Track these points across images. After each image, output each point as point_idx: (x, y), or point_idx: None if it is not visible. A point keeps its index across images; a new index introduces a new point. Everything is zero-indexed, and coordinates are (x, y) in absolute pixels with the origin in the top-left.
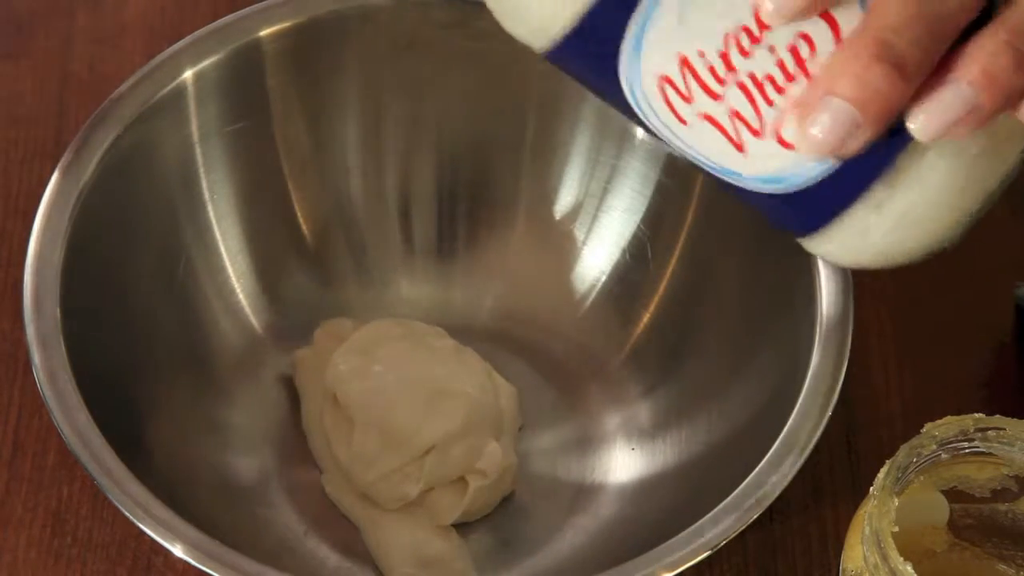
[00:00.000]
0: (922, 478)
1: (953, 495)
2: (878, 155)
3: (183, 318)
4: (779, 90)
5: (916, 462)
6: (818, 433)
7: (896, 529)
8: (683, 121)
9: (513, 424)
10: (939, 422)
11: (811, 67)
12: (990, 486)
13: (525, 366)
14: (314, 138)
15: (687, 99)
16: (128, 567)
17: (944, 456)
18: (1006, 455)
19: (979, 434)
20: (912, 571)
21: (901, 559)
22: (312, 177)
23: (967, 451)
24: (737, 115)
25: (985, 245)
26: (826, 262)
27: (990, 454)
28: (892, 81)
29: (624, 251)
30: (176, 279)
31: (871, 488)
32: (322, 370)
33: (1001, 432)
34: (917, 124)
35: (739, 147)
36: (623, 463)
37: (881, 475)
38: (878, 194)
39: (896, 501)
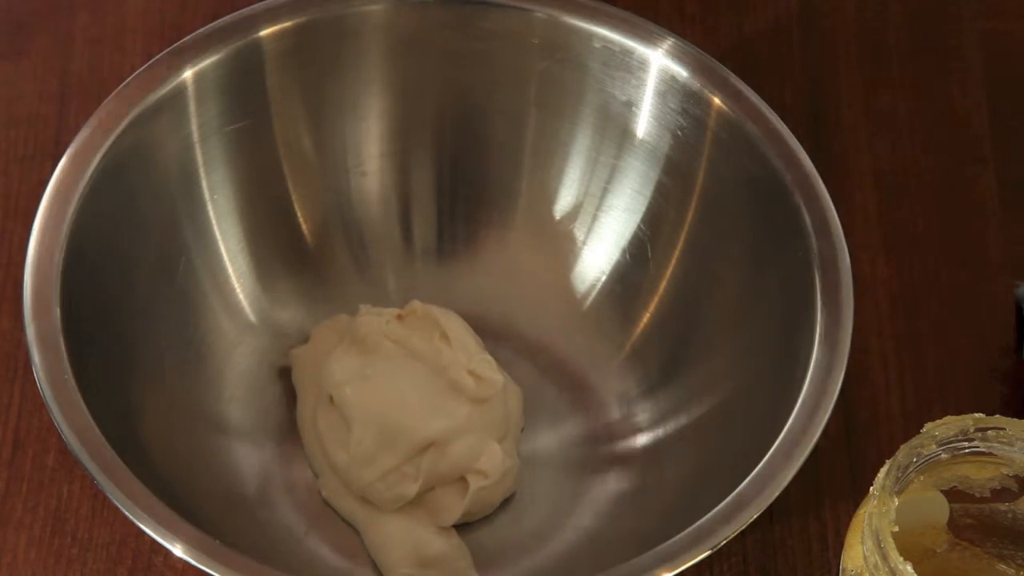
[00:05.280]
0: (922, 478)
1: (953, 495)
2: None
3: (183, 318)
4: None
5: (916, 462)
6: (818, 433)
7: (896, 529)
8: None
9: (516, 425)
10: (939, 422)
11: None
12: (990, 486)
13: (525, 367)
14: (314, 138)
15: None
16: (128, 567)
17: (944, 456)
18: (1006, 455)
19: (979, 434)
20: (912, 571)
21: (901, 559)
22: (312, 177)
23: (967, 451)
24: None
25: (985, 245)
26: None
27: (990, 454)
28: None
29: (624, 251)
30: (176, 279)
31: (871, 488)
32: (319, 368)
33: (1001, 432)
34: None
35: None
36: (623, 463)
37: (881, 475)
38: None
39: (896, 501)
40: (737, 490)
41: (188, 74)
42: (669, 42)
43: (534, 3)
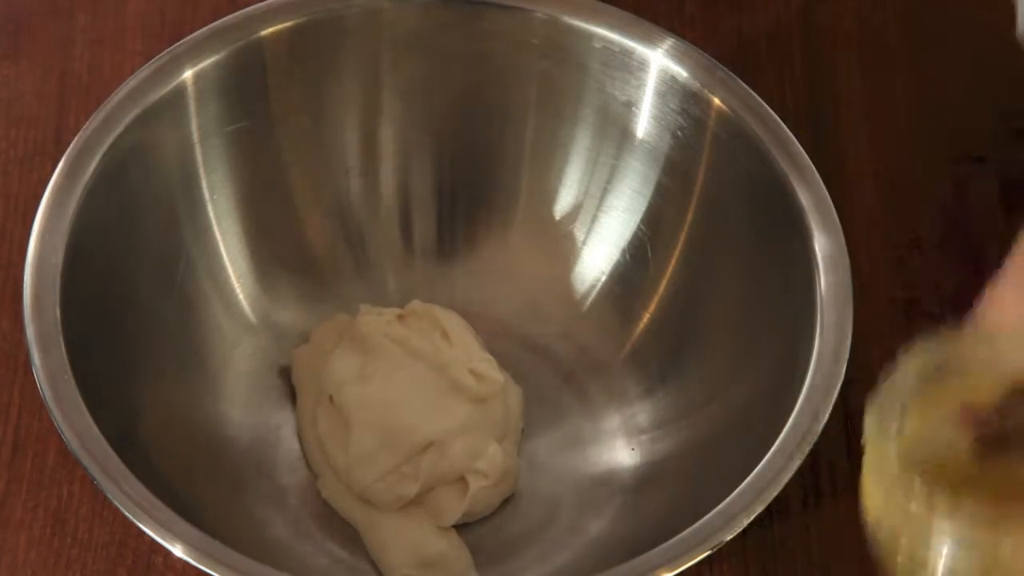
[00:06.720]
0: (920, 410)
1: (961, 417)
2: None
3: (183, 318)
4: None
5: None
6: (818, 433)
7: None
8: None
9: (517, 425)
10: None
11: None
12: (994, 395)
13: (525, 367)
14: (314, 138)
15: None
16: (128, 567)
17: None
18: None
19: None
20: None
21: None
22: (312, 177)
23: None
24: None
25: (985, 245)
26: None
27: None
28: None
29: (624, 251)
30: (176, 279)
31: (861, 440)
32: (319, 368)
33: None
34: None
35: None
36: (623, 463)
37: (873, 422)
38: None
39: (895, 446)
40: (737, 490)
41: (188, 74)
42: (669, 42)
43: (534, 3)
